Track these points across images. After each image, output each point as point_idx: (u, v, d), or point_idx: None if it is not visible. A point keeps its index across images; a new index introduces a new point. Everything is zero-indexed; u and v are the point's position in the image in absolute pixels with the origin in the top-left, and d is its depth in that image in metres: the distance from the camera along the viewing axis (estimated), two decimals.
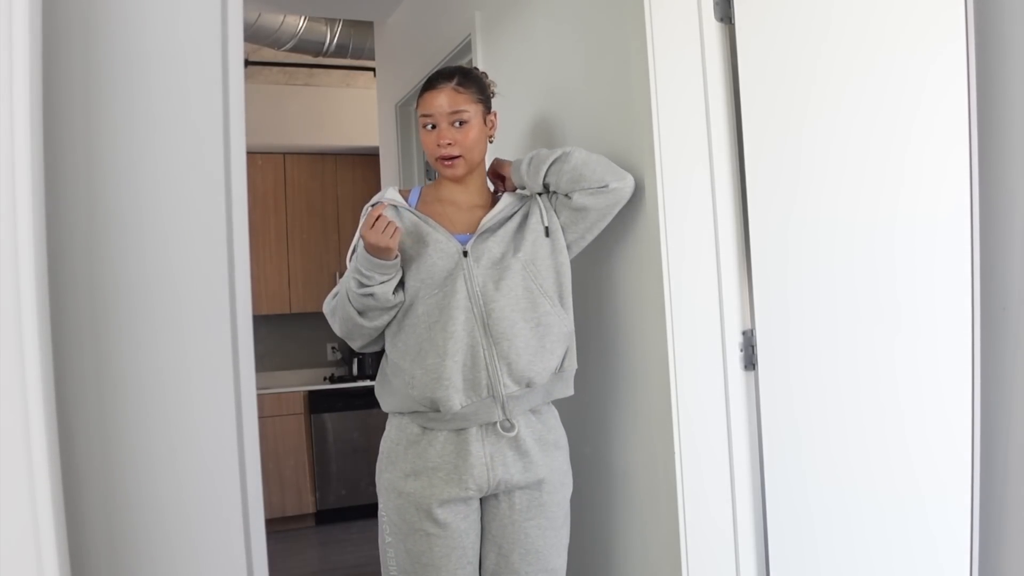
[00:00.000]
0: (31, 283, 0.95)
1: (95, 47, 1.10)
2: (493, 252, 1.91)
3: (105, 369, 1.09)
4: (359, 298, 1.87)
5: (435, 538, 1.86)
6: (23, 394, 0.93)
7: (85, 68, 1.10)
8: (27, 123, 0.95)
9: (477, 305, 1.87)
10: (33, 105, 0.97)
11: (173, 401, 1.13)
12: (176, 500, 1.12)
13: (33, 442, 0.93)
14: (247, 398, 1.17)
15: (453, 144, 1.94)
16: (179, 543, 1.12)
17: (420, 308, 1.88)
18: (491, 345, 1.86)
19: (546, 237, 1.95)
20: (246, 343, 1.17)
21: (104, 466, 1.08)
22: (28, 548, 0.93)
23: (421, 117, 1.97)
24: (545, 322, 1.89)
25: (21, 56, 0.95)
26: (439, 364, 1.84)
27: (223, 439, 1.15)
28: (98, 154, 1.10)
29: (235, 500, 1.15)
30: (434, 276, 1.88)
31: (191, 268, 1.15)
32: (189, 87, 1.16)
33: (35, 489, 0.93)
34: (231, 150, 1.17)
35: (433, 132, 1.96)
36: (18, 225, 0.94)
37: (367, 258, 1.83)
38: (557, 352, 1.93)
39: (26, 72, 0.96)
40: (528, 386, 1.88)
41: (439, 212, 1.98)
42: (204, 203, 1.16)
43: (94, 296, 1.09)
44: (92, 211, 1.09)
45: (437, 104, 1.95)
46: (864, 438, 1.70)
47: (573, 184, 1.94)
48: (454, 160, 1.95)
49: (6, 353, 0.93)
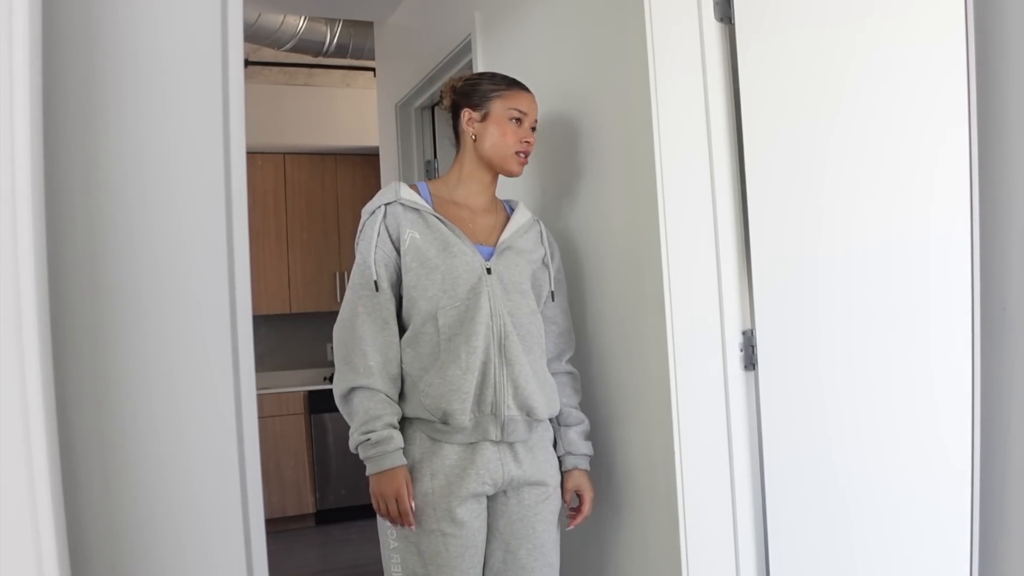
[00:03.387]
0: (31, 283, 0.95)
1: (95, 47, 1.10)
2: (512, 275, 1.94)
3: (105, 369, 1.09)
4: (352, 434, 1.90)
5: (451, 538, 1.85)
6: (23, 394, 0.93)
7: (85, 68, 1.10)
8: (27, 123, 0.95)
9: (497, 324, 1.89)
10: (33, 105, 0.97)
11: (173, 401, 1.13)
12: (176, 500, 1.12)
13: (33, 442, 0.93)
14: (247, 398, 1.17)
15: (531, 145, 2.03)
16: (179, 543, 1.12)
17: (441, 318, 1.87)
18: (503, 365, 1.88)
19: (552, 301, 2.06)
20: (246, 343, 1.17)
21: (104, 466, 1.08)
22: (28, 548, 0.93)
23: (512, 109, 2.00)
24: (535, 368, 1.95)
25: (21, 56, 0.95)
26: (460, 377, 1.85)
27: (223, 439, 1.15)
28: (98, 154, 1.10)
29: (235, 500, 1.15)
30: (457, 288, 1.88)
31: (191, 268, 1.15)
32: (189, 87, 1.16)
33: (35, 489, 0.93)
34: (231, 150, 1.17)
35: (521, 127, 2.01)
36: (18, 225, 0.94)
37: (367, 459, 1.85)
38: (554, 399, 1.99)
39: (26, 72, 0.96)
40: (528, 414, 1.90)
41: (457, 216, 1.97)
42: (204, 203, 1.16)
43: (94, 296, 1.09)
44: (92, 211, 1.09)
45: (532, 106, 2.04)
46: (864, 438, 1.70)
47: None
48: (527, 159, 2.03)
49: (6, 353, 0.93)
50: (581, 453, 2.03)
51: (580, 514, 2.01)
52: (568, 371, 2.09)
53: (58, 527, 0.95)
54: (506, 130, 1.99)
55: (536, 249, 2.03)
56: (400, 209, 1.93)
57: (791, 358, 1.87)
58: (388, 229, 1.92)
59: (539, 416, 1.91)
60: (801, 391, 1.85)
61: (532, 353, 1.94)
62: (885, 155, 1.63)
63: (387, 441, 1.82)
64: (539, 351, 1.96)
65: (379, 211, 1.94)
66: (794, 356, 1.86)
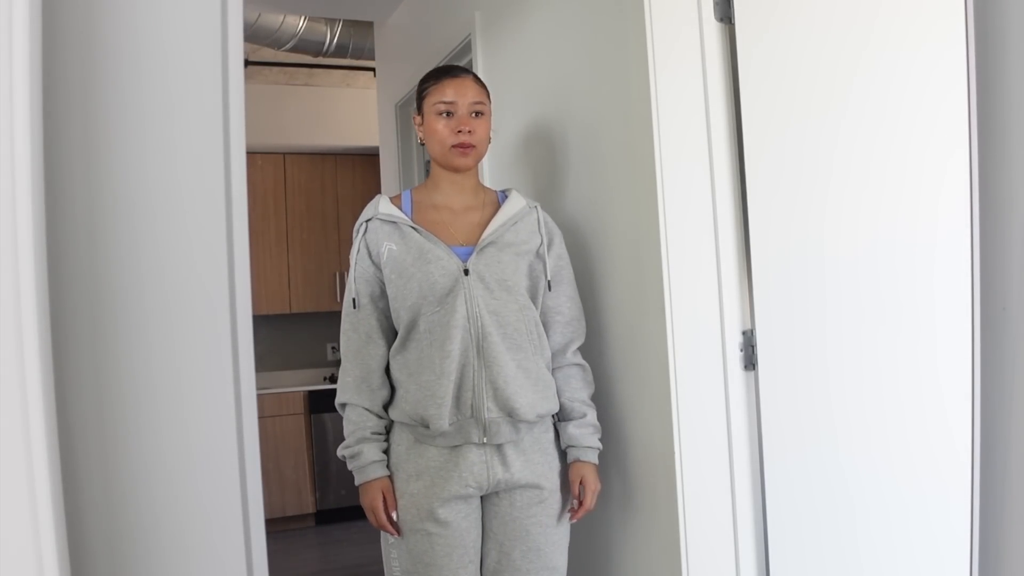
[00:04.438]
0: (31, 283, 0.95)
1: (95, 47, 1.10)
2: (494, 272, 1.91)
3: (105, 369, 1.09)
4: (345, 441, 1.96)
5: (436, 537, 1.86)
6: (23, 394, 0.93)
7: (85, 68, 1.10)
8: (27, 123, 0.95)
9: (475, 325, 1.87)
10: (33, 105, 0.97)
11: (173, 401, 1.13)
12: (176, 500, 1.12)
13: (33, 442, 0.93)
14: (247, 398, 1.17)
15: (472, 132, 1.94)
16: (179, 543, 1.12)
17: (422, 325, 1.89)
18: (482, 367, 1.87)
19: (549, 291, 2.00)
20: (246, 343, 1.17)
21: (104, 466, 1.08)
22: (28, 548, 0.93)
23: (437, 104, 1.94)
24: (525, 366, 1.92)
25: (21, 56, 0.95)
26: (434, 382, 1.86)
27: (223, 439, 1.15)
28: (98, 154, 1.10)
29: (235, 500, 1.15)
30: (435, 292, 1.88)
31: (191, 268, 1.15)
32: (189, 87, 1.16)
33: (35, 489, 0.93)
34: (231, 150, 1.17)
35: (451, 119, 1.94)
36: (18, 225, 0.94)
37: (352, 470, 1.93)
38: (550, 396, 1.96)
39: (26, 72, 0.96)
40: (510, 415, 1.88)
41: (435, 221, 1.97)
42: (204, 203, 1.16)
43: (94, 296, 1.09)
44: (92, 211, 1.09)
45: (461, 91, 1.94)
46: (864, 438, 1.70)
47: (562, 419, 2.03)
48: (471, 149, 1.95)
49: (6, 353, 0.93)
50: (582, 446, 1.98)
51: (581, 507, 1.97)
52: (576, 363, 2.04)
53: (58, 527, 0.95)
54: (436, 127, 1.95)
55: (530, 239, 1.98)
56: (378, 224, 1.95)
57: (791, 358, 1.87)
58: (368, 246, 1.95)
59: (522, 416, 1.88)
60: (801, 391, 1.85)
61: (521, 351, 1.91)
62: (884, 154, 1.63)
63: (358, 456, 1.91)
64: (531, 347, 1.93)
65: (360, 228, 1.97)
66: (794, 356, 1.86)
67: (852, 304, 1.71)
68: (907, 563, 1.64)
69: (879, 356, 1.66)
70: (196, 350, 1.14)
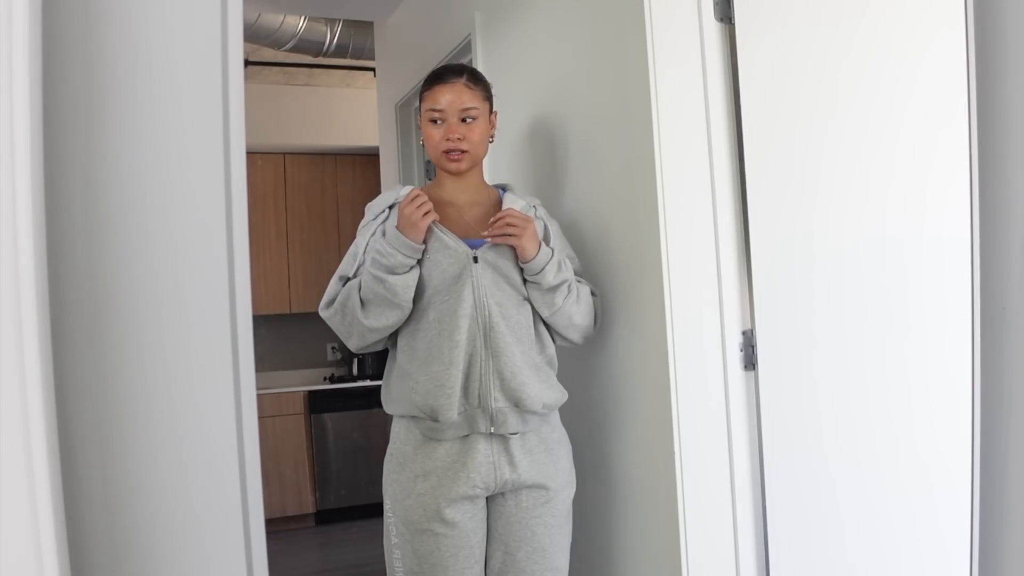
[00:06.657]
0: (31, 283, 0.95)
1: (95, 47, 1.10)
2: (502, 265, 1.92)
3: (105, 369, 1.09)
4: (370, 282, 1.87)
5: (443, 538, 1.86)
6: (23, 394, 0.93)
7: (85, 68, 1.10)
8: (27, 123, 0.95)
9: (482, 315, 1.88)
10: (33, 105, 0.97)
11: (173, 401, 1.13)
12: (176, 500, 1.12)
13: (33, 442, 0.93)
14: (247, 398, 1.17)
15: (463, 139, 1.95)
16: (179, 543, 1.12)
17: (432, 313, 1.90)
18: (489, 357, 1.88)
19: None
20: (246, 343, 1.17)
21: (104, 466, 1.08)
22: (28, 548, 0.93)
23: (428, 111, 1.96)
24: (529, 356, 1.92)
25: (21, 56, 0.95)
26: (443, 372, 1.86)
27: (223, 439, 1.15)
28: (98, 154, 1.10)
29: (235, 500, 1.15)
30: (445, 280, 1.89)
31: (191, 268, 1.15)
32: (189, 87, 1.16)
33: (35, 489, 0.93)
34: (231, 150, 1.17)
35: (441, 126, 1.96)
36: (18, 225, 0.94)
37: (395, 233, 1.85)
38: (554, 386, 1.96)
39: (26, 72, 0.96)
40: (517, 405, 1.89)
41: (444, 214, 1.98)
42: (204, 203, 1.16)
43: (94, 296, 1.09)
44: (92, 211, 1.09)
45: (448, 99, 1.95)
46: (864, 437, 1.70)
47: (550, 316, 1.96)
48: (462, 155, 1.96)
49: (6, 353, 0.93)
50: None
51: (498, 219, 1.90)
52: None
53: (58, 527, 0.95)
54: (430, 133, 1.98)
55: None
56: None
57: (791, 358, 1.87)
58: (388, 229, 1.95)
59: (529, 407, 1.89)
60: (801, 391, 1.85)
61: (522, 343, 1.93)
62: (885, 155, 1.63)
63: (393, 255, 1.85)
64: (529, 342, 1.94)
65: (383, 213, 1.97)
66: (794, 356, 1.86)
67: (852, 304, 1.71)
68: (907, 563, 1.64)
69: (879, 356, 1.66)
70: (196, 350, 1.14)
